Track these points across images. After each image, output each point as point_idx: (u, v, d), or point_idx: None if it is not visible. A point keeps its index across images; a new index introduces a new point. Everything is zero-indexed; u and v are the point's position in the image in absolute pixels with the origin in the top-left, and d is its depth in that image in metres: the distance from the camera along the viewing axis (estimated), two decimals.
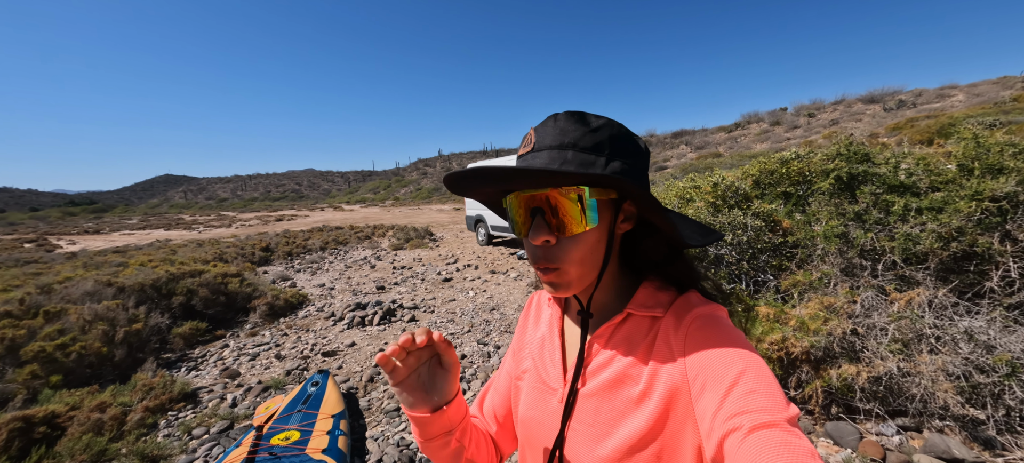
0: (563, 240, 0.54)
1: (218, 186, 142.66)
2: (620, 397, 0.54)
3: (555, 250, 0.54)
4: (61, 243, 17.93)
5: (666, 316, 0.55)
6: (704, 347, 0.49)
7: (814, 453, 0.38)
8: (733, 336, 0.49)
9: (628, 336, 0.57)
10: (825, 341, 2.34)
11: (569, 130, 0.53)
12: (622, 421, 0.53)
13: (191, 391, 3.47)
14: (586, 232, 0.53)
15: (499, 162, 8.57)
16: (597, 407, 0.56)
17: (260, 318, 5.46)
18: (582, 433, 0.56)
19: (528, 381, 0.68)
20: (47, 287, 5.23)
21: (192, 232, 21.07)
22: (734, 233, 3.29)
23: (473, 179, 0.54)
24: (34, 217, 48.17)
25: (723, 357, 0.47)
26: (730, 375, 0.45)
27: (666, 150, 33.76)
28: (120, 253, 10.56)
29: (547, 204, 0.53)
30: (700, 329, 0.51)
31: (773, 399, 0.42)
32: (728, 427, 0.42)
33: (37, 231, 25.51)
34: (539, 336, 0.70)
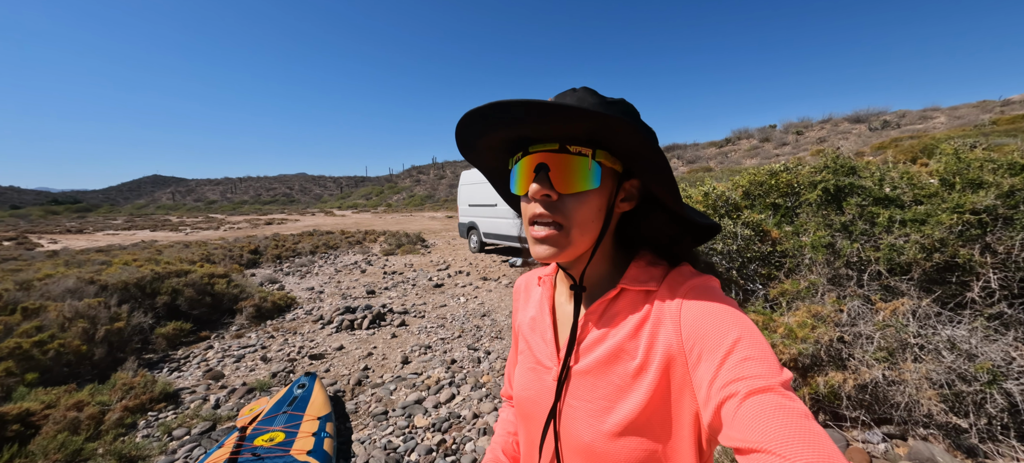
0: (565, 197, 0.54)
1: (207, 188, 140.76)
2: (617, 372, 0.54)
3: (557, 205, 0.54)
4: (42, 241, 17.50)
5: (660, 289, 0.56)
6: (699, 317, 0.50)
7: (808, 414, 0.40)
8: (727, 305, 0.50)
9: (622, 311, 0.57)
10: (813, 349, 2.36)
11: (585, 99, 0.55)
12: (622, 396, 0.53)
13: (173, 392, 3.38)
14: (588, 193, 0.54)
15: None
16: (594, 383, 0.56)
17: (246, 320, 5.37)
18: (580, 409, 0.56)
19: (523, 362, 0.69)
20: (26, 283, 5.09)
21: (179, 234, 20.71)
22: (724, 241, 3.33)
23: (490, 120, 0.53)
24: (15, 215, 47.02)
25: (718, 326, 0.48)
26: (725, 343, 0.46)
27: None
28: (103, 252, 10.33)
29: (553, 161, 0.54)
30: (695, 299, 0.52)
31: (767, 364, 0.44)
32: (725, 393, 0.43)
33: (17, 229, 24.87)
34: (529, 316, 0.71)
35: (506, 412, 0.84)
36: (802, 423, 0.39)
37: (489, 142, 0.59)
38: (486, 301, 6.19)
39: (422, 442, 2.66)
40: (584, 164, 0.53)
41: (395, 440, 2.68)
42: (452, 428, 2.81)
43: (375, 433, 2.78)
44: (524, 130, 0.55)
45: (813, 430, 0.38)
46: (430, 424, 2.85)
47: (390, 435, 2.75)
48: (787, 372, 0.44)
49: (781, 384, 0.42)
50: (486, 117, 0.53)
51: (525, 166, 0.56)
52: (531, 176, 0.55)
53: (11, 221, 35.33)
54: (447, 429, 2.80)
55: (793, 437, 0.38)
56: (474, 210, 11.14)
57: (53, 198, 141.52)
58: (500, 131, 0.56)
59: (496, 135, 0.57)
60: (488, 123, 0.54)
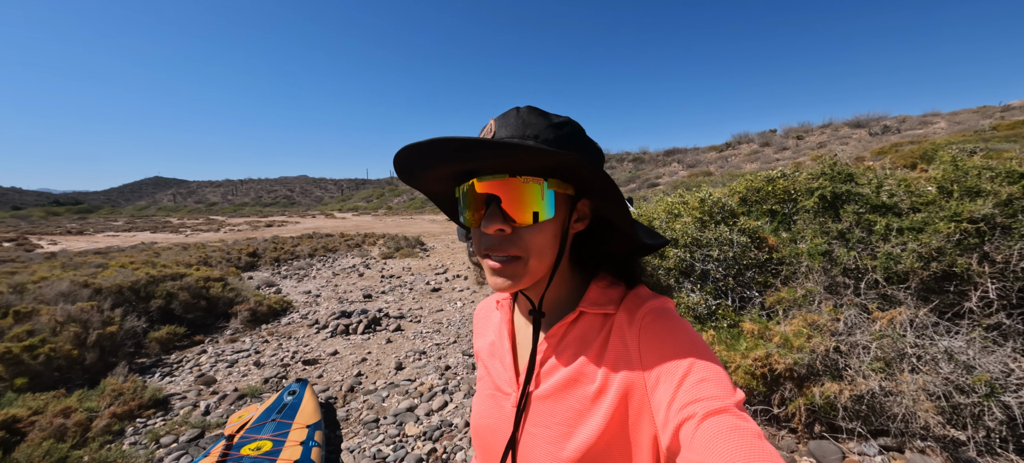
0: (519, 229, 0.53)
1: (208, 190, 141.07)
2: (576, 396, 0.54)
3: (511, 239, 0.53)
4: (42, 243, 17.50)
5: (618, 312, 0.56)
6: (657, 341, 0.50)
7: (761, 434, 0.41)
8: (683, 329, 0.51)
9: (581, 335, 0.57)
10: (808, 358, 2.33)
11: (531, 123, 0.53)
12: (581, 421, 0.52)
13: (163, 397, 3.35)
14: (543, 223, 0.53)
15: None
16: (552, 408, 0.55)
17: (241, 324, 5.34)
18: (539, 436, 0.55)
19: (482, 389, 0.67)
20: (20, 286, 5.07)
21: (179, 235, 20.72)
22: (720, 249, 3.30)
23: (430, 156, 0.51)
24: (16, 216, 47.09)
25: (676, 349, 0.49)
26: (682, 366, 0.47)
27: (658, 167, 34.18)
28: (102, 254, 10.32)
29: (505, 191, 0.51)
30: (652, 323, 0.52)
31: (722, 386, 0.45)
32: (683, 415, 0.44)
33: (17, 230, 24.89)
34: (488, 341, 0.70)
35: None
36: (756, 444, 0.40)
37: (434, 174, 0.57)
38: None
39: (412, 451, 2.62)
40: (537, 192, 0.51)
41: (385, 449, 2.65)
42: (443, 437, 2.78)
43: (365, 441, 2.75)
44: (471, 164, 0.53)
45: (766, 450, 0.40)
46: (421, 432, 2.81)
47: (380, 444, 2.71)
48: (740, 392, 0.45)
49: (735, 405, 0.43)
50: (429, 153, 0.50)
51: (472, 197, 0.54)
52: (481, 207, 0.53)
53: (12, 222, 35.39)
54: (438, 438, 2.76)
55: (748, 458, 0.39)
56: None
57: (55, 199, 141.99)
58: (446, 165, 0.54)
59: (442, 169, 0.55)
60: (433, 157, 0.51)
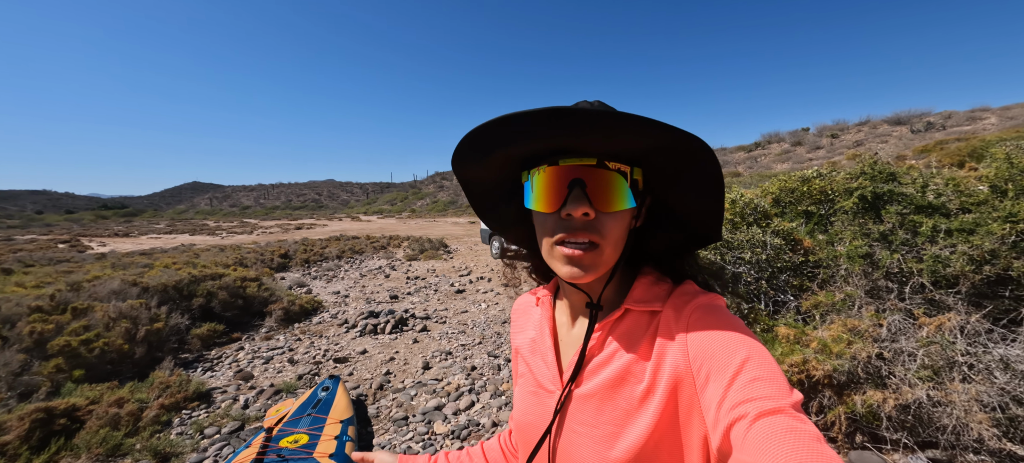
0: (602, 216, 0.52)
1: (242, 194, 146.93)
2: (624, 396, 0.53)
3: (594, 224, 0.52)
4: (92, 244, 18.66)
5: (665, 309, 0.54)
6: (706, 337, 0.48)
7: (820, 437, 0.39)
8: (734, 324, 0.49)
9: (627, 332, 0.56)
10: (849, 365, 2.24)
11: (609, 111, 0.53)
12: (629, 421, 0.51)
13: (205, 391, 3.52)
14: (623, 212, 0.53)
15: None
16: (599, 407, 0.54)
17: (275, 322, 5.55)
18: (586, 436, 0.54)
19: (523, 386, 0.67)
20: (76, 285, 5.43)
21: (216, 237, 21.68)
22: (752, 251, 3.21)
23: (519, 128, 0.49)
24: (69, 219, 50.43)
25: (726, 346, 0.47)
26: (734, 364, 0.45)
27: None
28: (147, 255, 10.92)
29: (591, 176, 0.51)
30: (701, 319, 0.50)
31: (777, 386, 0.42)
32: (734, 415, 0.42)
33: (71, 232, 26.64)
34: (529, 338, 0.69)
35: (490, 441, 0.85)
36: (814, 446, 0.38)
37: (507, 154, 0.55)
38: (507, 308, 6.18)
39: (441, 449, 2.67)
40: (623, 182, 0.51)
41: (415, 446, 2.70)
42: (471, 436, 2.81)
43: (395, 438, 2.81)
44: (562, 141, 0.51)
45: (826, 454, 0.37)
46: (449, 431, 2.86)
47: (410, 440, 2.77)
48: (797, 393, 0.43)
49: (792, 406, 0.41)
50: (520, 125, 0.48)
51: (552, 180, 0.52)
52: (561, 191, 0.52)
53: (66, 225, 37.90)
54: (466, 436, 2.80)
55: (806, 461, 0.36)
56: None
57: (103, 203, 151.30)
58: (533, 141, 0.52)
59: (519, 147, 0.54)
60: (522, 130, 0.50)
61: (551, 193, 0.52)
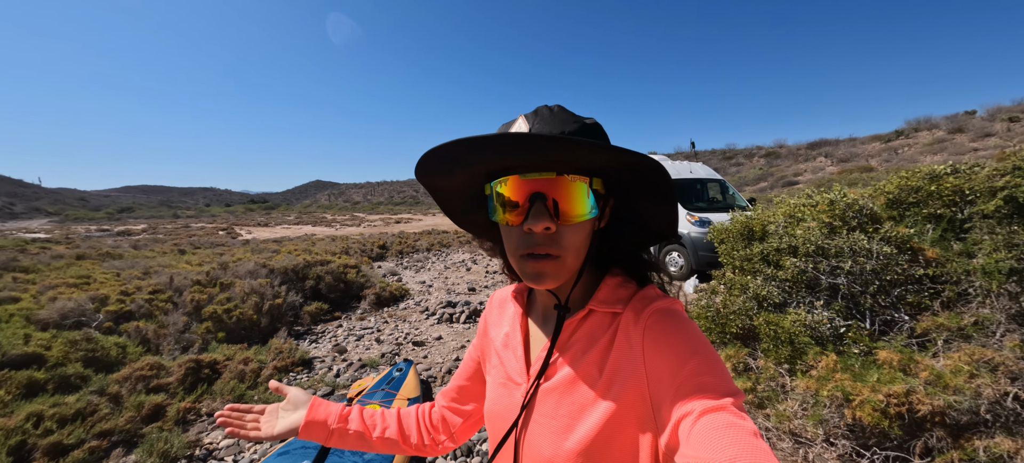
0: (562, 227, 0.53)
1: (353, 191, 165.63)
2: (581, 391, 0.55)
3: (555, 237, 0.53)
4: (242, 232, 22.69)
5: (625, 311, 0.56)
6: (660, 340, 0.51)
7: (756, 432, 0.43)
8: (687, 329, 0.52)
9: (590, 331, 0.58)
10: (970, 402, 1.84)
11: (568, 121, 0.54)
12: (584, 414, 0.54)
13: (309, 359, 4.14)
14: (585, 221, 0.55)
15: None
16: (559, 401, 0.57)
17: (368, 306, 6.25)
18: (545, 426, 0.57)
19: (494, 378, 0.70)
20: (224, 264, 6.72)
21: (331, 229, 24.85)
22: (855, 259, 2.78)
23: (477, 151, 0.50)
24: (227, 211, 62.04)
25: (679, 349, 0.50)
26: (682, 364, 0.48)
27: (798, 163, 29.50)
28: (277, 242, 12.99)
29: (551, 189, 0.52)
30: (657, 322, 0.53)
31: (721, 384, 0.46)
32: (681, 413, 0.45)
33: (227, 222, 32.74)
34: (503, 333, 0.72)
35: (427, 405, 0.85)
36: (751, 441, 0.41)
37: (470, 171, 0.56)
38: None
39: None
40: (583, 191, 0.53)
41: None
42: None
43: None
44: (521, 159, 0.52)
45: (760, 447, 0.40)
46: None
47: None
48: (739, 392, 0.46)
49: (733, 403, 0.44)
50: (479, 148, 0.49)
51: (513, 194, 0.53)
52: (523, 205, 0.53)
53: (225, 216, 46.66)
54: None
55: (742, 454, 0.40)
56: None
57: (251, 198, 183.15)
58: (490, 161, 0.53)
59: (480, 166, 0.55)
60: (478, 152, 0.51)
61: (513, 207, 0.53)
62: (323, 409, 0.76)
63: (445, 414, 0.81)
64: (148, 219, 46.48)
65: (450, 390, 0.81)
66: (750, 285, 3.26)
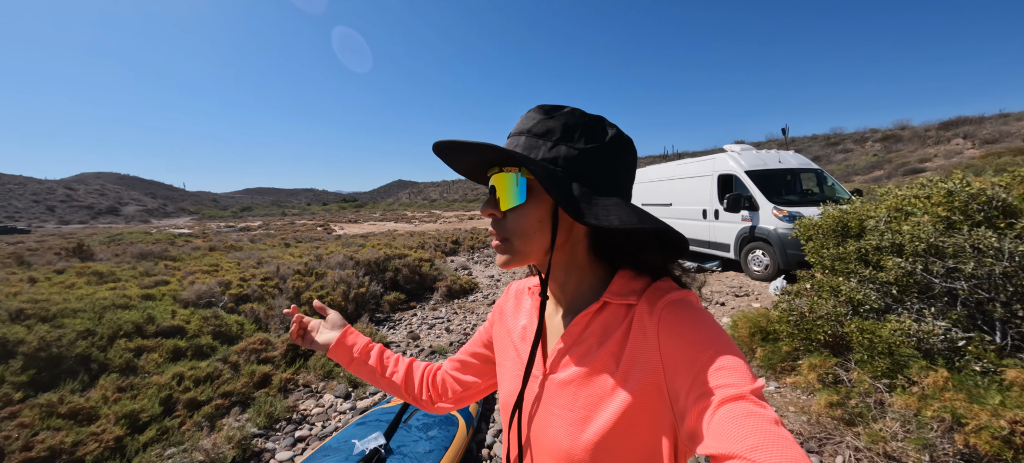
0: (506, 214, 0.61)
1: (431, 189, 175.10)
2: (598, 383, 0.56)
3: (501, 222, 0.61)
4: (335, 228, 25.25)
5: (640, 303, 0.57)
6: (676, 330, 0.52)
7: (778, 420, 0.42)
8: (703, 319, 0.52)
9: (604, 324, 0.59)
10: None
11: (530, 119, 0.61)
12: (600, 406, 0.55)
13: (387, 343, 4.53)
14: (520, 208, 0.59)
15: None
16: (575, 393, 0.58)
17: (440, 297, 6.63)
18: (562, 418, 0.59)
19: (509, 368, 0.72)
20: (319, 257, 7.57)
21: (410, 225, 26.61)
22: (979, 261, 2.35)
23: (454, 150, 0.61)
24: (324, 209, 69.44)
25: (694, 339, 0.50)
26: (700, 355, 0.49)
27: (926, 146, 25.17)
28: (363, 237, 14.26)
29: (495, 182, 0.61)
30: (672, 313, 0.53)
31: (739, 374, 0.46)
32: (699, 403, 0.46)
33: (324, 219, 36.61)
34: (520, 325, 0.74)
35: (436, 366, 0.91)
36: (772, 429, 0.41)
37: (464, 163, 0.66)
38: None
39: None
40: (511, 181, 0.59)
41: None
42: None
43: None
44: (469, 159, 0.63)
45: (783, 435, 0.41)
46: None
47: None
48: (760, 381, 0.46)
49: (752, 392, 0.44)
50: (453, 150, 0.60)
51: (489, 187, 0.64)
52: (487, 196, 0.63)
53: (322, 214, 52.23)
54: None
55: (764, 442, 0.40)
56: (647, 210, 10.67)
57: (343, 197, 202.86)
58: (470, 160, 0.64)
59: (467, 162, 0.65)
60: (457, 153, 0.61)
61: (486, 197, 0.64)
62: (352, 337, 0.89)
63: (446, 379, 0.86)
64: (263, 217, 53.83)
65: (456, 360, 0.86)
66: (842, 288, 2.92)
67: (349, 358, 0.87)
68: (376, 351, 0.89)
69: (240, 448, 2.57)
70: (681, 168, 9.17)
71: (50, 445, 2.44)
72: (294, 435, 2.82)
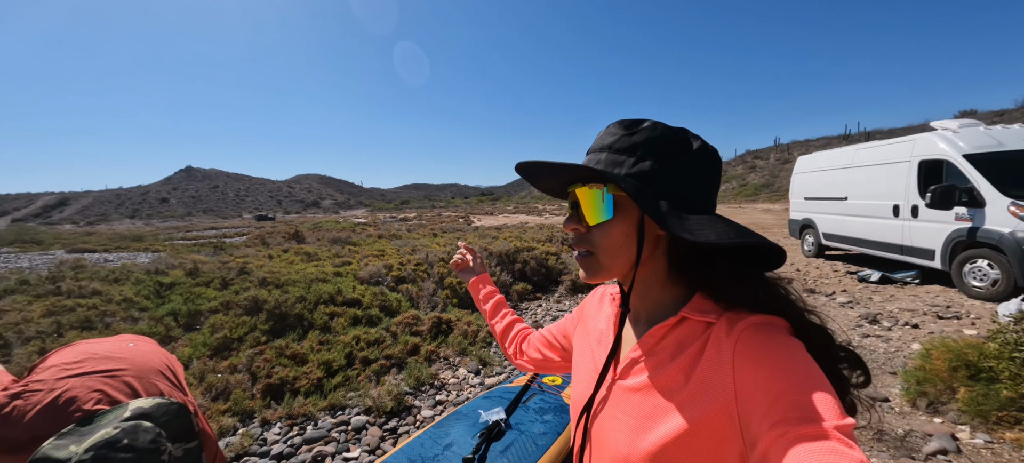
0: (592, 229, 0.62)
1: None
2: (663, 395, 0.56)
3: (585, 237, 0.63)
4: (474, 220, 27.70)
5: (719, 321, 0.54)
6: (755, 354, 0.48)
7: (864, 461, 0.38)
8: (787, 344, 0.48)
9: (680, 338, 0.58)
10: None
11: (611, 134, 0.62)
12: (661, 418, 0.54)
13: None
14: (607, 223, 0.60)
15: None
16: (641, 401, 0.58)
17: (564, 290, 6.81)
18: (625, 423, 0.59)
19: (583, 368, 0.75)
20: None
21: (541, 218, 27.53)
22: None
23: (537, 171, 0.66)
24: (465, 203, 76.65)
25: (773, 363, 0.46)
26: (778, 380, 0.45)
27: None
28: (497, 230, 15.39)
29: (580, 197, 0.63)
30: (751, 336, 0.50)
31: (824, 406, 0.41)
32: (773, 434, 0.42)
33: (465, 212, 40.46)
34: (599, 328, 0.77)
35: (531, 331, 1.04)
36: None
37: (547, 183, 0.70)
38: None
39: None
40: (597, 197, 0.60)
41: None
42: None
43: None
44: (556, 179, 0.66)
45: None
46: None
47: None
48: (848, 418, 0.41)
49: (838, 429, 0.40)
50: (532, 171, 0.66)
51: (570, 201, 0.66)
52: (569, 210, 0.65)
53: (464, 207, 57.77)
54: None
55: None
56: (811, 204, 8.95)
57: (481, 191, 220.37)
58: (551, 178, 0.68)
59: (548, 181, 0.69)
60: (536, 173, 0.67)
61: (568, 213, 0.66)
62: (484, 281, 1.15)
63: (533, 344, 0.98)
64: (417, 209, 62.30)
65: (545, 333, 0.96)
66: None
67: (477, 297, 1.13)
68: (496, 301, 1.12)
69: (396, 401, 3.17)
70: (863, 153, 7.47)
71: (280, 376, 3.39)
72: (434, 398, 3.34)
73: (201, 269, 6.84)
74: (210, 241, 14.20)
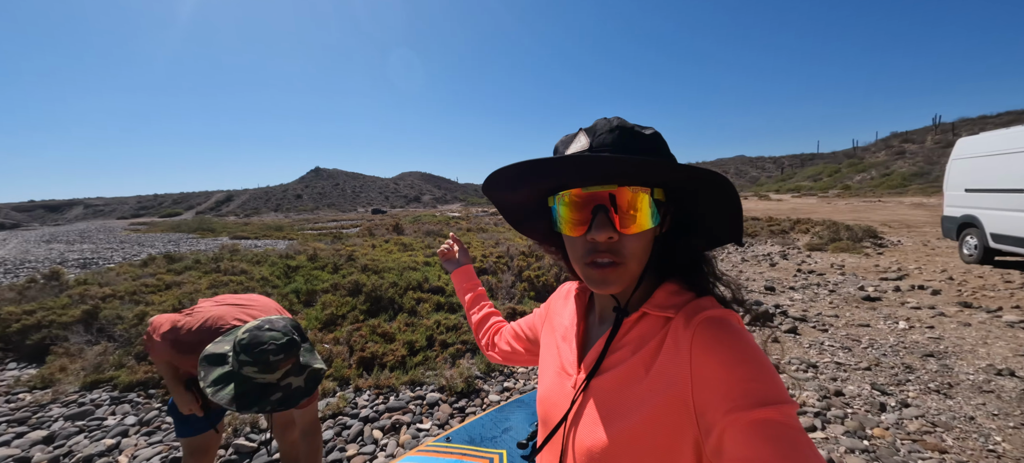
0: (625, 237, 0.56)
1: None
2: (624, 389, 0.57)
3: (618, 245, 0.56)
4: None
5: (677, 316, 0.56)
6: (709, 346, 0.50)
7: (810, 443, 0.41)
8: (739, 337, 0.51)
9: (641, 333, 0.59)
10: None
11: (626, 132, 0.56)
12: (622, 411, 0.56)
13: None
14: (647, 230, 0.57)
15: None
16: (605, 396, 0.59)
17: None
18: (592, 418, 0.60)
19: (549, 365, 0.74)
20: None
21: None
22: None
23: (530, 175, 0.58)
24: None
25: (726, 356, 0.49)
26: (732, 372, 0.47)
27: None
28: None
29: (612, 201, 0.55)
30: (706, 330, 0.52)
31: (772, 391, 0.45)
32: (727, 419, 0.44)
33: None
34: (563, 325, 0.76)
35: (504, 324, 1.04)
36: (802, 451, 0.40)
37: (538, 187, 0.62)
38: (947, 337, 4.14)
39: None
40: (645, 201, 0.55)
41: None
42: None
43: None
44: (586, 177, 0.56)
45: (811, 457, 0.40)
46: None
47: None
48: (792, 401, 0.45)
49: (784, 411, 0.43)
50: (548, 171, 0.56)
51: (577, 205, 0.57)
52: (586, 216, 0.56)
53: None
54: None
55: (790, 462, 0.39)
56: (975, 197, 7.20)
57: None
58: (557, 180, 0.59)
59: (550, 184, 0.61)
60: (521, 181, 0.60)
61: (577, 218, 0.57)
62: (467, 272, 1.18)
63: (503, 337, 0.99)
64: None
65: (514, 327, 0.97)
66: None
67: (459, 287, 1.17)
68: (475, 293, 1.14)
69: (466, 383, 3.38)
70: None
71: (372, 351, 3.85)
72: (503, 384, 3.48)
73: (319, 255, 7.98)
74: (331, 231, 16.45)
